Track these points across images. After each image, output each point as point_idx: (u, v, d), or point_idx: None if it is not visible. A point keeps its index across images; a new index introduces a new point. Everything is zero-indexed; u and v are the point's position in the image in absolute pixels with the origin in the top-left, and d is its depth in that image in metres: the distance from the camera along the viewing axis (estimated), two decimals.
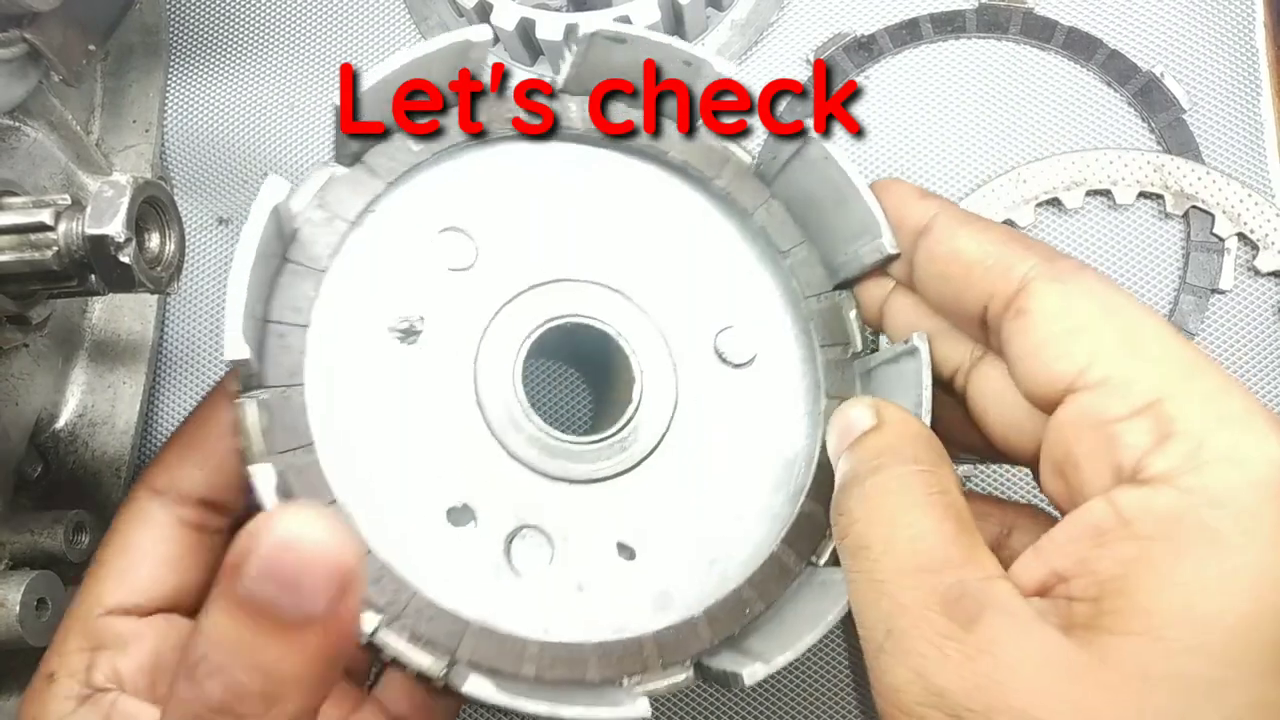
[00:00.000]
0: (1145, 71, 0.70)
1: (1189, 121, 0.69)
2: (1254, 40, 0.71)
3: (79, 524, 0.59)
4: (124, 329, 0.67)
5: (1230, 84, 0.71)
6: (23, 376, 0.61)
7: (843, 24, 0.74)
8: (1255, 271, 0.68)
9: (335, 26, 0.78)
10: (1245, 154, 0.69)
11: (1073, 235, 0.70)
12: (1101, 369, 0.38)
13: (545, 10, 0.70)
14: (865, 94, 0.73)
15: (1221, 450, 0.36)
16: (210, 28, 0.78)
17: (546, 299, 0.49)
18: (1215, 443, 0.36)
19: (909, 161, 0.71)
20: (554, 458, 0.47)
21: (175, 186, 0.75)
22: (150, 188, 0.48)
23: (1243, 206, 0.67)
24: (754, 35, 0.74)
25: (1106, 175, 0.69)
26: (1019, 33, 0.72)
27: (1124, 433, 0.37)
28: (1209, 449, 0.36)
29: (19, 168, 0.61)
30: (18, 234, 0.47)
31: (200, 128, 0.76)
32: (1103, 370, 0.38)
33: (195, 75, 0.77)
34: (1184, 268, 0.68)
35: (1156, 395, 0.37)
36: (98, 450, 0.65)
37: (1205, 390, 0.37)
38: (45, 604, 0.55)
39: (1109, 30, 0.72)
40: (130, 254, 0.46)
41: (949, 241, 0.45)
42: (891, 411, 0.45)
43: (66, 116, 0.65)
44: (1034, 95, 0.72)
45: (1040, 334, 0.40)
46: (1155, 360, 0.38)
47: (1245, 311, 0.68)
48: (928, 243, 0.45)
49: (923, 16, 0.73)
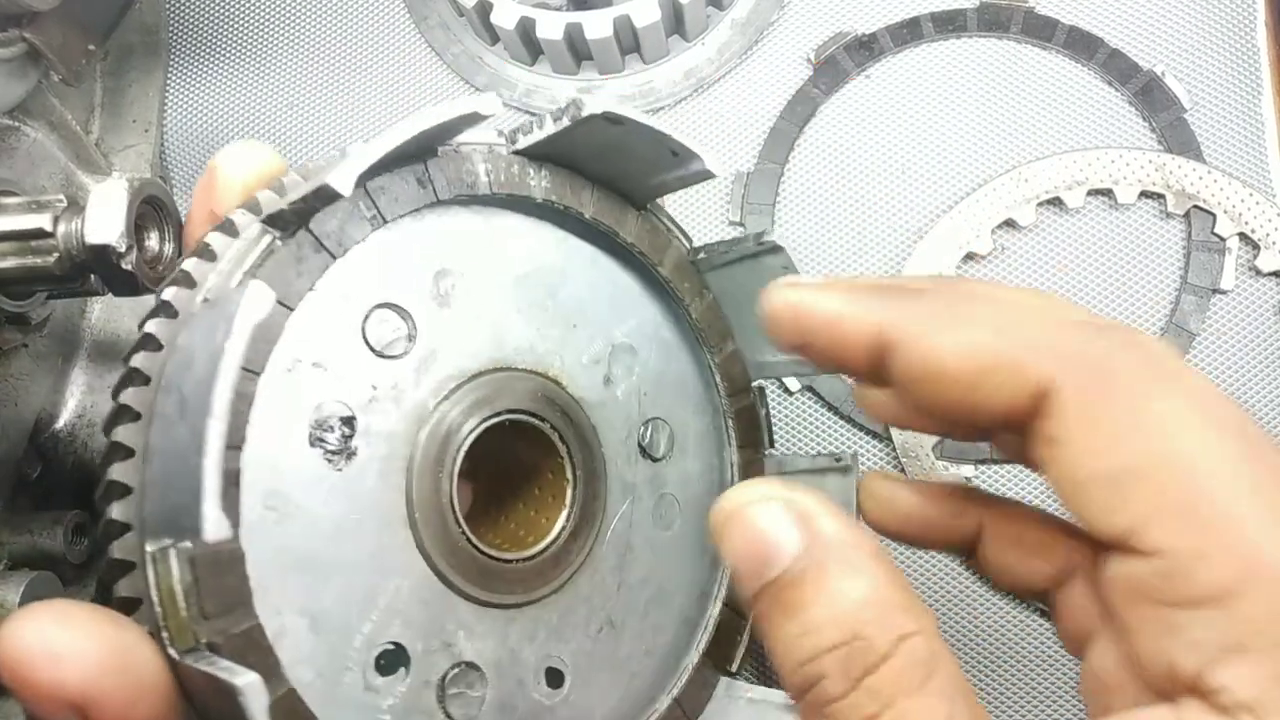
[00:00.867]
0: (1146, 71, 0.70)
1: (1190, 121, 0.69)
2: (1255, 39, 0.71)
3: (78, 525, 0.59)
4: (123, 329, 0.67)
5: (1231, 83, 0.71)
6: (22, 377, 0.61)
7: (843, 23, 0.74)
8: (1256, 271, 0.68)
9: (335, 26, 0.78)
10: (1246, 153, 0.69)
11: (1074, 235, 0.70)
12: (1156, 538, 0.31)
13: (545, 9, 0.70)
14: (866, 93, 0.73)
15: None
16: (210, 27, 0.78)
17: (483, 392, 0.44)
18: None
19: (909, 161, 0.71)
20: (488, 579, 0.42)
21: (175, 186, 0.75)
22: (148, 187, 0.48)
23: (1244, 206, 0.67)
24: (754, 34, 0.74)
25: (1108, 174, 0.69)
26: (1020, 32, 0.72)
27: (1186, 625, 0.30)
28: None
29: (18, 167, 0.61)
30: (18, 240, 0.47)
31: (200, 127, 0.76)
32: (1157, 539, 0.30)
33: (195, 75, 0.77)
34: (1185, 267, 0.68)
35: (1226, 586, 0.29)
36: (97, 451, 0.65)
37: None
38: None
39: (1110, 29, 0.72)
40: (132, 261, 0.46)
41: (928, 360, 0.35)
42: (826, 522, 0.34)
43: (66, 116, 0.65)
44: (1035, 94, 0.72)
45: (1077, 475, 0.32)
46: (1223, 531, 0.30)
47: (1246, 311, 0.68)
48: (899, 366, 0.36)
49: (923, 15, 0.72)
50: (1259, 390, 0.67)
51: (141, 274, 0.47)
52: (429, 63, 0.77)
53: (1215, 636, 0.29)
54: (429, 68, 0.77)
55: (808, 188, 0.72)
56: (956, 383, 0.34)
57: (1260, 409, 0.66)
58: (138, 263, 0.47)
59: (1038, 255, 0.70)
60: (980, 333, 0.35)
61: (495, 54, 0.75)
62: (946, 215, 0.69)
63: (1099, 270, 0.69)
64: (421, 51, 0.77)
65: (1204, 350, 0.67)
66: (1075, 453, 0.32)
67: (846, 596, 0.32)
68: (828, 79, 0.72)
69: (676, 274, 0.49)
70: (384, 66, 0.77)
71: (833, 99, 0.73)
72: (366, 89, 0.77)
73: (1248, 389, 0.67)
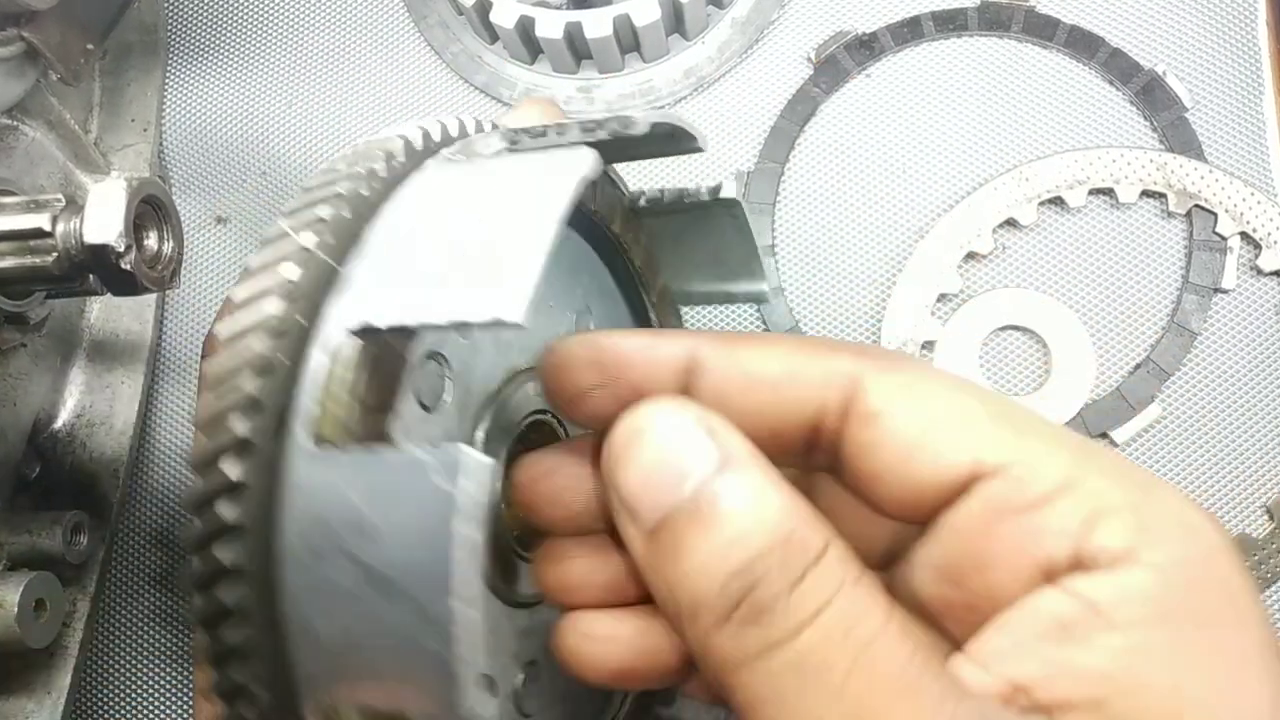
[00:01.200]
0: (1147, 70, 0.70)
1: (1191, 120, 0.69)
2: (1256, 38, 0.71)
3: (77, 525, 0.59)
4: (122, 329, 0.67)
5: (1232, 82, 0.70)
6: (21, 377, 0.61)
7: (844, 22, 0.73)
8: (1258, 271, 0.68)
9: (334, 24, 0.78)
10: (1248, 153, 0.69)
11: (1075, 234, 0.69)
12: (996, 456, 0.33)
13: (545, 8, 0.70)
14: (867, 92, 0.73)
15: (1166, 521, 0.32)
16: (209, 26, 0.78)
17: (506, 405, 0.43)
18: (1154, 514, 0.32)
19: (910, 160, 0.71)
20: (521, 580, 0.43)
21: (173, 185, 0.75)
22: (147, 187, 0.48)
23: (1245, 205, 0.67)
24: (754, 33, 0.74)
25: (1109, 174, 0.68)
26: (1021, 31, 0.72)
27: (1048, 518, 0.32)
28: (1153, 521, 0.32)
29: (17, 167, 0.61)
30: (17, 240, 0.47)
31: (198, 126, 0.76)
32: (998, 457, 0.33)
33: (194, 74, 0.77)
34: (1186, 267, 0.68)
35: (1068, 474, 0.32)
36: (96, 451, 0.64)
37: (1108, 463, 0.33)
38: (44, 605, 0.55)
39: (1111, 28, 0.71)
40: (131, 261, 0.46)
41: (735, 368, 0.37)
42: (735, 436, 0.35)
43: (65, 115, 0.65)
44: (1036, 93, 0.71)
45: (909, 433, 0.34)
46: (1047, 439, 0.33)
47: (1248, 311, 0.68)
48: (708, 382, 0.37)
49: (924, 14, 0.72)
50: (1261, 390, 0.67)
51: (140, 274, 0.47)
52: (428, 61, 0.77)
53: (1074, 521, 0.32)
54: (428, 66, 0.77)
55: (808, 187, 0.72)
56: (763, 381, 0.36)
57: (1261, 408, 0.66)
58: (136, 262, 0.47)
59: (1039, 254, 0.69)
60: (786, 342, 0.38)
61: (494, 53, 0.75)
62: (947, 214, 0.69)
63: (1100, 270, 0.69)
64: (420, 50, 0.77)
65: (1206, 350, 0.67)
66: (901, 418, 0.34)
67: (775, 499, 0.32)
68: (828, 78, 0.72)
69: (624, 228, 0.49)
70: (383, 65, 0.77)
71: (833, 98, 0.73)
72: (365, 88, 0.77)
73: (1249, 389, 0.67)
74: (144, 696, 0.68)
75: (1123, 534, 0.32)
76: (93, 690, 0.68)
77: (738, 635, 0.32)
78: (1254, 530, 0.65)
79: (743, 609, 0.32)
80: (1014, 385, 0.68)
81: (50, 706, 0.59)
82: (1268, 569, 0.64)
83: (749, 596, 0.32)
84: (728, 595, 0.32)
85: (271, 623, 0.34)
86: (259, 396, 0.35)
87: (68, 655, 0.60)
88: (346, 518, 0.33)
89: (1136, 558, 0.31)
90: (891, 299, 0.69)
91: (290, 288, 0.35)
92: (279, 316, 0.35)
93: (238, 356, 0.35)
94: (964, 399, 0.34)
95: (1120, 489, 0.32)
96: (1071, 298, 0.68)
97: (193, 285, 0.73)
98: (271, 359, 0.35)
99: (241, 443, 0.34)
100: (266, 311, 0.35)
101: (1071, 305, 0.68)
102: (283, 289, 0.35)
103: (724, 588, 0.32)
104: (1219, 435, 0.66)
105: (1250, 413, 0.66)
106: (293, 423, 0.35)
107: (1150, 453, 0.67)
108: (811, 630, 0.31)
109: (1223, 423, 0.66)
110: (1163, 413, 0.67)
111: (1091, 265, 0.69)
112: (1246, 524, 0.65)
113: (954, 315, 0.69)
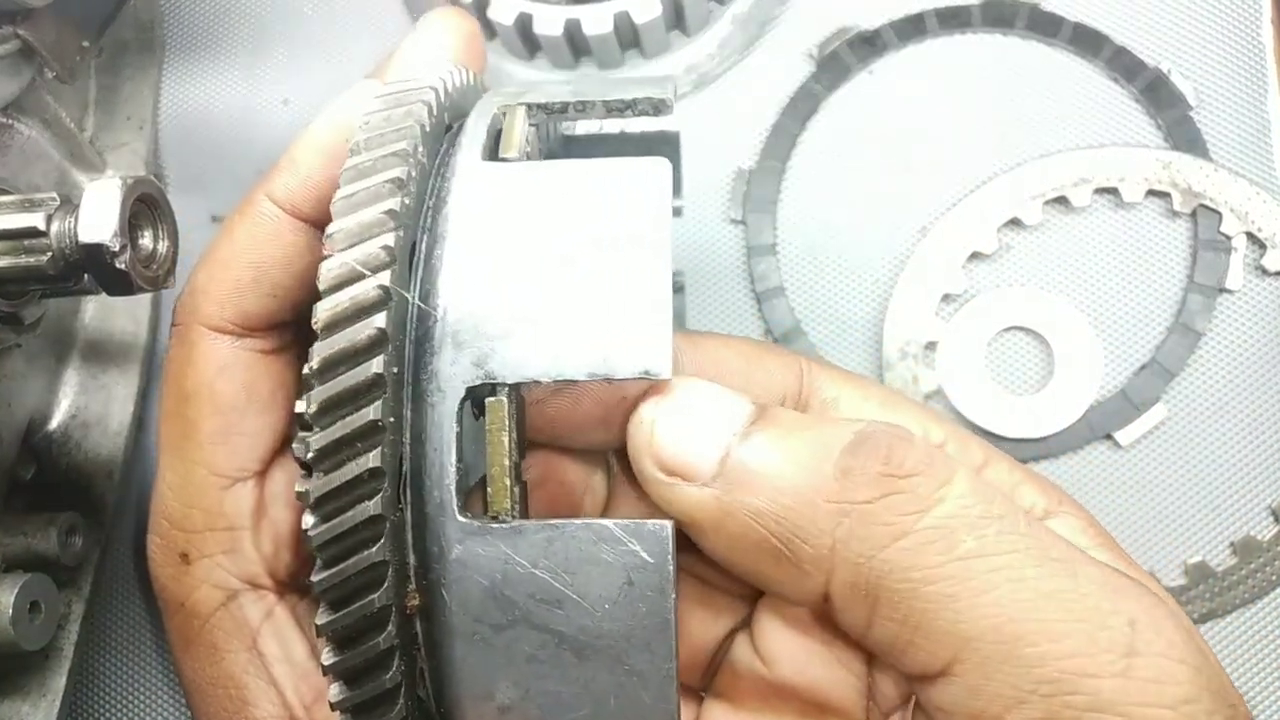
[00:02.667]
0: (1152, 68, 0.69)
1: (1196, 119, 0.69)
2: (1261, 37, 0.70)
3: (71, 526, 0.59)
4: (117, 329, 0.66)
5: (1237, 81, 0.70)
6: (15, 377, 0.60)
7: (847, 18, 0.73)
8: (1263, 270, 0.67)
9: (331, 22, 0.77)
10: (1253, 152, 0.69)
11: (1079, 234, 0.69)
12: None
13: (544, 4, 0.69)
14: (869, 89, 0.72)
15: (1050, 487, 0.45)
16: (205, 24, 0.77)
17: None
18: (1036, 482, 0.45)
19: (913, 158, 0.71)
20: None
21: (169, 184, 0.74)
22: (142, 185, 0.47)
23: (1250, 205, 0.67)
24: (756, 30, 0.73)
25: (1114, 173, 0.68)
26: (1025, 28, 0.71)
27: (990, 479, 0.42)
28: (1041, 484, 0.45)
29: (12, 165, 0.60)
30: (11, 239, 0.47)
31: (195, 125, 0.75)
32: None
33: (190, 72, 0.76)
34: (1191, 266, 0.68)
35: (985, 458, 0.45)
36: (91, 452, 0.64)
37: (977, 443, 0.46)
38: (38, 607, 0.54)
39: (1115, 26, 0.71)
40: (126, 260, 0.45)
41: (705, 358, 0.43)
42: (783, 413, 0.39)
43: (60, 114, 0.64)
44: (1040, 91, 0.71)
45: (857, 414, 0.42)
46: (919, 413, 0.44)
47: (1253, 310, 0.67)
48: (685, 373, 0.42)
49: (928, 11, 0.72)
50: (1266, 391, 0.66)
51: (135, 273, 0.47)
52: None
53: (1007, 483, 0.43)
54: None
55: (810, 185, 0.71)
56: (732, 370, 0.42)
57: (1266, 409, 0.66)
58: (131, 262, 0.46)
59: (1043, 254, 0.69)
60: (742, 339, 0.45)
61: (493, 50, 0.75)
62: (950, 213, 0.69)
63: (1105, 269, 0.68)
64: None
65: (1210, 350, 0.67)
66: (846, 396, 0.44)
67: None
68: (830, 75, 0.72)
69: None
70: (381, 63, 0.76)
71: (835, 95, 0.72)
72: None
73: (1254, 389, 0.66)
74: (139, 699, 0.68)
75: (1040, 497, 0.42)
76: (88, 693, 0.68)
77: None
78: (1259, 533, 0.65)
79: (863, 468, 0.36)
80: (1018, 385, 0.68)
81: (45, 709, 0.59)
82: (1273, 571, 0.63)
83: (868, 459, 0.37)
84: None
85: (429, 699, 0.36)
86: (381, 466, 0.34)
87: (62, 657, 0.60)
88: (530, 590, 0.34)
89: (1058, 510, 0.42)
90: (894, 299, 0.68)
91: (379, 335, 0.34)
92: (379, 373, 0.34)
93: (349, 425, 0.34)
94: (877, 388, 0.45)
95: (1005, 464, 0.44)
96: (1076, 297, 0.68)
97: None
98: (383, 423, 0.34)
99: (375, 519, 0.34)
100: (372, 371, 0.34)
101: (1076, 305, 0.67)
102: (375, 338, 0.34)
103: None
104: (1224, 436, 0.66)
105: (1255, 414, 0.66)
106: (434, 491, 0.35)
107: (1155, 454, 0.66)
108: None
109: (1228, 424, 0.66)
110: (1168, 414, 0.66)
111: (1096, 265, 0.69)
112: (1251, 526, 0.65)
113: (957, 315, 0.68)
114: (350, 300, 0.34)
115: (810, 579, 0.36)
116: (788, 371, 0.44)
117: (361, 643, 0.34)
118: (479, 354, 0.35)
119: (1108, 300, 0.68)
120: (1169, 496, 0.66)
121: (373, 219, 0.35)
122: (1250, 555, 0.64)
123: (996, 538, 0.35)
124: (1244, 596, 0.63)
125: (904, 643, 0.36)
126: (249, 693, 0.45)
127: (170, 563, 0.46)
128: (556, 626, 0.34)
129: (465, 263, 0.36)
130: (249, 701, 0.45)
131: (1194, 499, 0.66)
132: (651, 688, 0.33)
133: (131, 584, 0.69)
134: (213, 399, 0.46)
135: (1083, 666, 0.34)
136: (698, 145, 0.72)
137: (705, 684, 0.46)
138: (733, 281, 0.70)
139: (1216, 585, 0.64)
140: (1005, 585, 0.35)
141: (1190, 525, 0.65)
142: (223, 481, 0.46)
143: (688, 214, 0.71)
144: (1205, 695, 0.35)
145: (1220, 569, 0.64)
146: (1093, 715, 0.34)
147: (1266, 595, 0.64)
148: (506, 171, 0.38)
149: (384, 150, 0.37)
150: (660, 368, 0.34)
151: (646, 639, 0.33)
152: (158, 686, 0.68)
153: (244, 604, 0.45)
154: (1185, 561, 0.65)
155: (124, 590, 0.68)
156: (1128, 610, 0.35)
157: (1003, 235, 0.69)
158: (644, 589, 0.33)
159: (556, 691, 0.34)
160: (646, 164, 0.36)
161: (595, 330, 0.34)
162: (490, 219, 0.37)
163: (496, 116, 0.41)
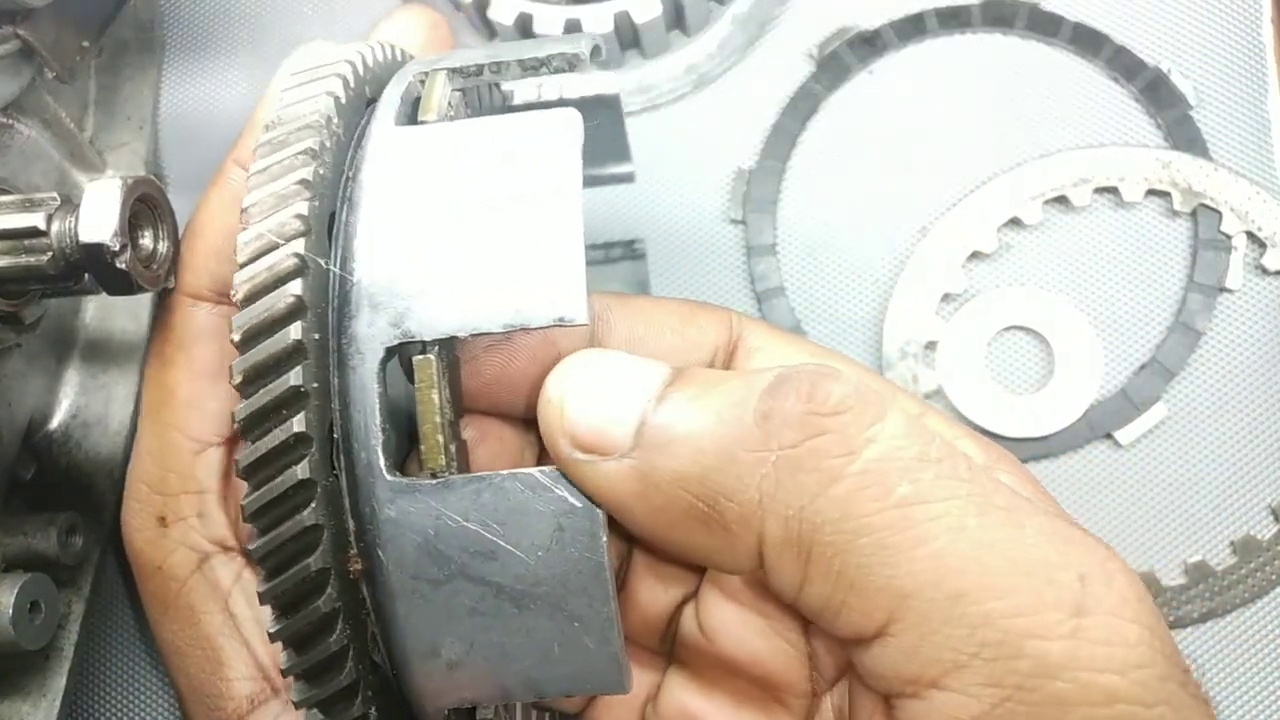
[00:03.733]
0: (1152, 67, 0.69)
1: (1196, 118, 0.69)
2: (1261, 36, 0.70)
3: (71, 526, 0.59)
4: (117, 328, 0.66)
5: (1237, 80, 0.70)
6: (16, 377, 0.60)
7: (847, 18, 0.73)
8: (1263, 270, 0.67)
9: (331, 22, 0.77)
10: (1253, 151, 0.69)
11: (1079, 233, 0.69)
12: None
13: (544, 3, 0.69)
14: (869, 89, 0.72)
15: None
16: (205, 23, 0.78)
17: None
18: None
19: (913, 157, 0.71)
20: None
21: (169, 184, 0.74)
22: (142, 185, 0.47)
23: (1250, 204, 0.67)
24: (756, 30, 0.73)
25: (1114, 172, 0.68)
26: (1025, 27, 0.71)
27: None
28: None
29: (12, 165, 0.60)
30: (11, 239, 0.47)
31: (194, 124, 0.75)
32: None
33: (190, 71, 0.76)
34: (1191, 266, 0.68)
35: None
36: (91, 451, 0.64)
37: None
38: (38, 607, 0.54)
39: (1115, 26, 0.71)
40: (126, 260, 0.45)
41: (639, 316, 0.43)
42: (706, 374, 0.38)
43: (60, 114, 0.64)
44: (1040, 91, 0.71)
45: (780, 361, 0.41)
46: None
47: (1253, 310, 0.67)
48: (618, 332, 0.43)
49: (928, 11, 0.72)
50: (1266, 390, 0.66)
51: (135, 273, 0.47)
52: None
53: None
54: None
55: (810, 185, 0.71)
56: (666, 325, 0.42)
57: (1266, 408, 0.66)
58: (131, 261, 0.46)
59: (1043, 254, 0.69)
60: (674, 299, 0.46)
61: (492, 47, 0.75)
62: (950, 213, 0.69)
63: (1105, 269, 0.68)
64: None
65: (1210, 349, 0.67)
66: (770, 347, 0.44)
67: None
68: (830, 75, 0.72)
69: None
70: None
71: (835, 95, 0.72)
72: None
73: (1255, 388, 0.66)
74: (139, 699, 0.68)
75: (980, 454, 0.42)
76: (88, 693, 0.68)
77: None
78: (1259, 532, 0.65)
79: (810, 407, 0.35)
80: (1018, 385, 0.68)
81: (45, 709, 0.59)
82: (1272, 570, 0.63)
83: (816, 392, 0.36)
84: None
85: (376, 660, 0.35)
86: (308, 431, 0.34)
87: (63, 657, 0.60)
88: (463, 543, 0.34)
89: (996, 467, 0.41)
90: (894, 298, 0.68)
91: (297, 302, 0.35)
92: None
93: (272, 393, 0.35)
94: (809, 343, 0.46)
95: (942, 420, 0.45)
96: (1076, 297, 0.68)
97: None
98: (307, 389, 0.34)
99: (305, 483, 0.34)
100: (292, 338, 0.34)
101: (1076, 304, 0.67)
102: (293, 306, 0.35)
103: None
104: (1224, 435, 0.66)
105: (1255, 413, 0.66)
106: (361, 453, 0.35)
107: (1155, 453, 0.66)
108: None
109: (1228, 423, 0.66)
110: (1168, 413, 0.66)
111: (1096, 264, 0.69)
112: (1251, 525, 0.65)
113: (957, 314, 0.68)
114: (267, 270, 0.35)
115: (740, 541, 0.34)
116: (720, 326, 0.43)
117: (303, 607, 0.34)
118: (395, 314, 0.35)
119: (1108, 300, 0.68)
120: (1169, 496, 0.66)
121: (286, 189, 0.36)
122: (1250, 555, 0.64)
123: (934, 483, 0.33)
124: (1244, 596, 0.63)
125: (837, 603, 0.33)
126: (224, 654, 0.46)
127: (148, 526, 0.47)
128: (493, 578, 0.34)
129: (379, 226, 0.36)
130: (224, 662, 0.45)
131: (1194, 498, 0.66)
132: (593, 632, 0.33)
133: (132, 584, 0.69)
134: (189, 364, 0.47)
135: (1028, 627, 0.31)
136: (698, 145, 0.72)
137: (667, 650, 0.45)
138: (733, 281, 0.70)
139: (1216, 585, 0.64)
140: (944, 535, 0.32)
141: (1190, 525, 0.65)
142: (195, 445, 0.47)
143: (688, 213, 0.71)
144: (1159, 659, 0.32)
145: (1220, 568, 0.64)
146: (1038, 681, 0.31)
147: (1266, 595, 0.64)
148: (420, 134, 0.38)
149: (298, 124, 0.38)
150: (575, 313, 0.34)
151: (583, 584, 0.33)
152: (158, 686, 0.68)
153: (215, 566, 0.46)
154: (1185, 561, 0.65)
155: (124, 590, 0.68)
156: (1077, 563, 0.33)
157: (1003, 235, 0.69)
158: (575, 534, 0.33)
159: (500, 643, 0.34)
160: (557, 115, 0.37)
161: (509, 282, 0.34)
162: (404, 181, 0.37)
163: (413, 84, 0.41)
